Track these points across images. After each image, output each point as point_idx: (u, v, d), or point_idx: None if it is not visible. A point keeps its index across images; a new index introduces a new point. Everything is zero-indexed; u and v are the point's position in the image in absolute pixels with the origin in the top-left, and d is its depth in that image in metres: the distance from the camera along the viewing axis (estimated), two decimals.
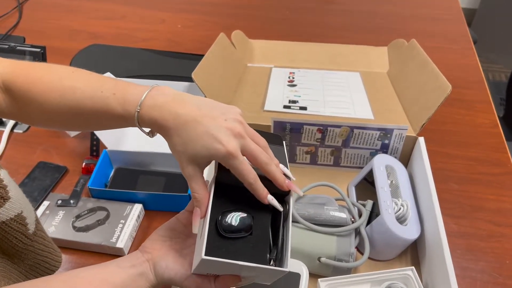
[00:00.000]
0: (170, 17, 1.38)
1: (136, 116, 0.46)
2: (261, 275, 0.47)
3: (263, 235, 0.46)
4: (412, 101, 0.83)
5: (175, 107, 0.45)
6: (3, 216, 0.48)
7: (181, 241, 0.50)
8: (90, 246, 0.72)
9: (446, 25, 1.34)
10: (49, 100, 0.49)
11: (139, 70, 1.14)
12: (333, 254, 0.64)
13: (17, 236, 0.51)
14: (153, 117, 0.46)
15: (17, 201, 0.49)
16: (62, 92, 0.49)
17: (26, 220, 0.51)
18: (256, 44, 1.09)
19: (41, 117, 0.52)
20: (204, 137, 0.43)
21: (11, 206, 0.48)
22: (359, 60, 1.04)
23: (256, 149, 0.45)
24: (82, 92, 0.49)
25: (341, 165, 0.85)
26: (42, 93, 0.50)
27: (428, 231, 0.67)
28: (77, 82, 0.50)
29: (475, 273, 0.69)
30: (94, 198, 0.78)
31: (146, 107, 0.46)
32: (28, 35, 1.27)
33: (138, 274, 0.47)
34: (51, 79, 0.50)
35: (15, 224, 0.50)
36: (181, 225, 0.51)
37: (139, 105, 0.46)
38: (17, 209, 0.49)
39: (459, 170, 0.86)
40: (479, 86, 1.08)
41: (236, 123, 0.45)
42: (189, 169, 0.45)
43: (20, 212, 0.50)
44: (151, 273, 0.47)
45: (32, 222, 0.53)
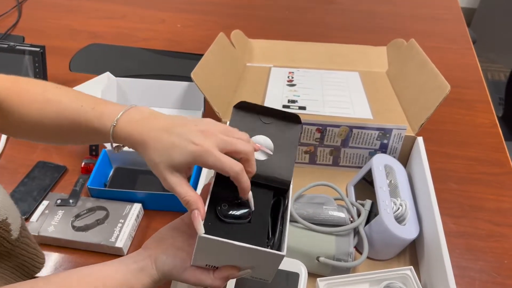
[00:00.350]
0: (170, 16, 1.38)
1: (111, 130, 0.48)
2: (259, 264, 0.47)
3: (262, 223, 0.47)
4: (411, 101, 0.83)
5: (150, 122, 0.47)
6: None
7: (183, 240, 0.50)
8: (89, 246, 0.72)
9: (445, 24, 1.34)
10: (31, 111, 0.51)
11: (139, 69, 1.14)
12: (332, 254, 0.65)
13: (0, 242, 0.51)
14: (128, 132, 0.47)
15: (2, 208, 0.50)
16: (45, 105, 0.51)
17: (10, 226, 0.52)
18: (256, 44, 1.09)
19: (22, 128, 0.54)
20: (178, 142, 0.45)
21: None
22: (358, 60, 1.04)
23: (231, 141, 0.45)
24: (64, 105, 0.51)
25: (340, 165, 0.85)
26: (25, 104, 0.51)
27: (427, 231, 0.67)
28: (59, 96, 0.52)
29: (474, 273, 0.69)
30: (94, 198, 0.78)
31: (122, 122, 0.48)
32: (27, 34, 1.28)
33: (139, 269, 0.47)
34: (35, 91, 0.52)
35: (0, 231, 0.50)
36: (185, 225, 0.51)
37: (115, 120, 0.48)
38: (2, 215, 0.50)
39: (458, 170, 0.87)
40: (478, 86, 1.08)
41: (208, 125, 0.47)
42: (172, 178, 0.45)
43: (5, 218, 0.50)
44: (153, 268, 0.48)
45: (16, 229, 0.53)
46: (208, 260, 0.47)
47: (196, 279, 0.48)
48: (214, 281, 0.48)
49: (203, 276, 0.48)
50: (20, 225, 0.54)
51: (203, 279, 0.48)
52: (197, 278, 0.48)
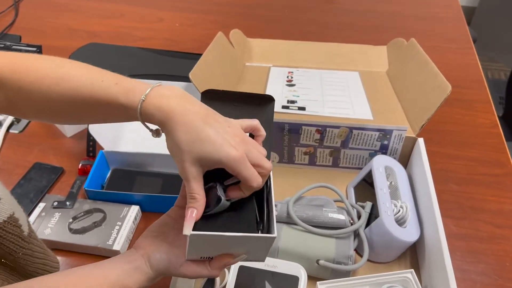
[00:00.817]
0: (168, 15, 1.37)
1: (139, 105, 0.44)
2: (252, 249, 0.48)
3: (249, 209, 0.48)
4: (411, 101, 0.82)
5: (183, 101, 0.44)
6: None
7: (173, 235, 0.50)
8: (86, 249, 0.71)
9: (445, 24, 1.33)
10: (41, 88, 0.47)
11: (138, 69, 1.14)
12: (332, 257, 0.64)
13: (14, 240, 0.50)
14: (158, 106, 0.43)
15: (7, 201, 0.48)
16: (58, 80, 0.47)
17: (19, 222, 0.50)
18: (255, 43, 1.08)
19: (31, 108, 0.50)
20: (215, 139, 0.42)
21: (2, 207, 0.47)
22: (358, 60, 1.03)
23: (258, 157, 0.45)
24: (80, 80, 0.47)
25: (340, 166, 0.84)
26: (34, 81, 0.47)
27: (428, 233, 0.66)
28: (74, 71, 0.48)
29: (475, 276, 0.68)
30: (91, 200, 0.77)
31: (152, 98, 0.44)
32: (24, 33, 1.26)
33: (133, 268, 0.47)
34: (45, 66, 0.48)
35: (10, 227, 0.49)
36: (172, 220, 0.51)
37: (144, 95, 0.44)
38: (9, 210, 0.48)
39: (458, 170, 0.86)
40: (478, 86, 1.08)
41: (238, 130, 0.45)
42: (192, 170, 0.43)
43: (12, 213, 0.49)
44: (147, 267, 0.47)
45: (25, 224, 0.52)
46: (202, 253, 0.47)
47: (193, 272, 0.48)
48: (211, 271, 0.48)
49: (199, 269, 0.48)
50: (27, 220, 0.53)
51: (200, 271, 0.48)
52: (194, 271, 0.48)
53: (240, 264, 0.62)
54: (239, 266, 0.62)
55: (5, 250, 0.50)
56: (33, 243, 0.54)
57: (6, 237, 0.49)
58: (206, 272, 0.48)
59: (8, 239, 0.49)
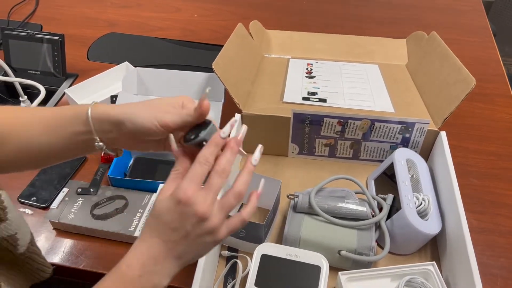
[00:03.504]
0: (185, 5, 1.37)
1: (89, 109, 0.46)
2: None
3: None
4: (433, 95, 0.82)
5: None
6: None
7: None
8: (108, 234, 0.72)
9: (465, 17, 1.32)
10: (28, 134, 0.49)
11: (156, 59, 1.14)
12: (353, 248, 0.64)
13: (5, 252, 0.52)
14: (108, 106, 0.47)
15: (13, 223, 0.51)
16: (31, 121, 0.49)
17: (17, 242, 0.53)
18: (273, 35, 1.08)
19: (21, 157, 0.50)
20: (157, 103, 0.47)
21: (6, 227, 0.50)
22: (377, 52, 1.03)
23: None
24: (46, 113, 0.49)
25: (360, 158, 0.84)
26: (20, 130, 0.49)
27: (449, 226, 0.66)
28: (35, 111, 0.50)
29: (496, 270, 0.68)
30: (113, 187, 0.79)
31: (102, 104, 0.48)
32: (44, 22, 1.28)
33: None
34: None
35: (5, 243, 0.51)
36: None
37: (92, 102, 0.47)
38: (12, 230, 0.51)
39: (479, 165, 0.86)
40: (499, 80, 1.07)
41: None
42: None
43: (14, 233, 0.51)
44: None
45: (24, 244, 0.54)
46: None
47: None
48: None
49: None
50: (29, 241, 0.55)
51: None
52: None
53: (263, 253, 0.63)
54: (261, 255, 0.63)
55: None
56: (25, 260, 0.56)
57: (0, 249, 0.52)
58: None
59: (2, 250, 0.52)
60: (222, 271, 0.67)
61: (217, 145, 0.43)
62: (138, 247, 0.43)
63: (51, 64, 1.01)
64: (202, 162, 0.42)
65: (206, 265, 0.61)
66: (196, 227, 0.42)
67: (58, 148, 0.49)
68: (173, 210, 0.41)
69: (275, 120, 0.80)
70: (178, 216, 0.41)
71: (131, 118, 0.45)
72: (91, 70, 1.07)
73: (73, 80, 1.05)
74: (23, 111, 0.51)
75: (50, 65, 1.01)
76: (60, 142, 0.48)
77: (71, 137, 0.48)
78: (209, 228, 0.42)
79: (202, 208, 0.41)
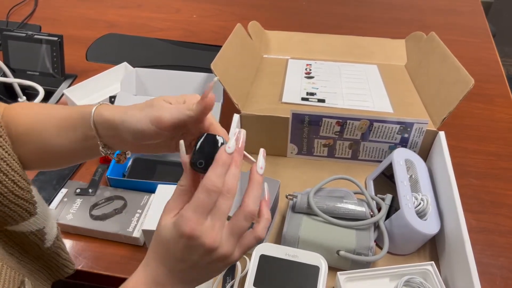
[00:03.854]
0: (185, 6, 1.37)
1: (92, 112, 0.45)
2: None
3: None
4: (432, 95, 0.82)
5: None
6: (25, 228, 0.49)
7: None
8: (106, 235, 0.72)
9: (464, 17, 1.32)
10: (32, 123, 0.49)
11: (155, 60, 1.14)
12: (352, 248, 0.64)
13: (32, 246, 0.52)
14: (112, 107, 0.45)
15: (41, 217, 0.51)
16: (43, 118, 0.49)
17: (45, 236, 0.53)
18: (272, 35, 1.08)
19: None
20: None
21: (35, 221, 0.50)
22: (376, 53, 1.03)
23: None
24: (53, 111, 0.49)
25: (359, 159, 0.84)
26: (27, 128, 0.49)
27: (448, 226, 0.66)
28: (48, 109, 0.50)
29: (495, 269, 0.68)
30: (112, 187, 0.79)
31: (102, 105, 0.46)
32: (43, 23, 1.28)
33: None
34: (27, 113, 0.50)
35: (33, 237, 0.51)
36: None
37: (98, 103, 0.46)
38: (40, 225, 0.51)
39: (478, 165, 0.85)
40: (498, 80, 1.07)
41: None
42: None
43: (42, 227, 0.51)
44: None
45: (51, 239, 0.54)
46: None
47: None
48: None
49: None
50: (55, 235, 0.55)
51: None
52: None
53: (261, 253, 0.63)
54: (260, 255, 0.62)
55: (21, 247, 0.52)
56: (51, 255, 0.56)
57: (26, 242, 0.52)
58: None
59: (28, 244, 0.52)
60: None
61: (225, 164, 0.38)
62: (144, 271, 0.40)
63: (50, 65, 1.01)
64: (210, 190, 0.37)
65: None
66: (205, 257, 0.38)
67: (69, 150, 0.48)
68: (178, 242, 0.38)
69: (274, 120, 0.80)
70: (183, 248, 0.38)
71: (124, 121, 0.42)
72: (90, 70, 1.07)
73: (72, 81, 1.05)
74: (41, 108, 0.50)
75: (49, 66, 1.01)
76: (72, 145, 0.47)
77: (80, 140, 0.46)
78: (220, 256, 0.38)
79: (210, 239, 0.37)
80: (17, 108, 0.50)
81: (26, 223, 0.49)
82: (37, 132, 0.48)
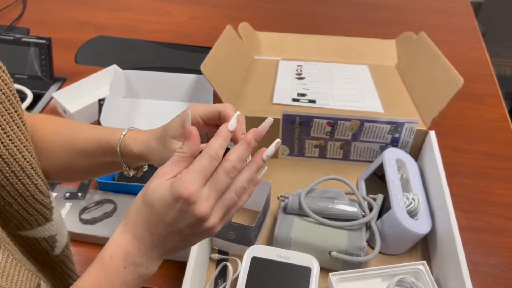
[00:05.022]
0: (176, 8, 1.37)
1: (120, 137, 0.49)
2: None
3: None
4: (422, 95, 0.82)
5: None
6: (38, 234, 0.49)
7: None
8: (97, 239, 0.72)
9: (454, 18, 1.32)
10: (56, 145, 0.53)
11: (146, 62, 1.14)
12: (344, 248, 0.64)
13: (41, 253, 0.52)
14: (139, 135, 0.49)
15: (55, 224, 0.51)
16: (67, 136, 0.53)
17: (56, 243, 0.53)
18: (263, 36, 1.07)
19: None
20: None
21: (50, 227, 0.50)
22: (367, 53, 1.03)
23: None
24: (80, 129, 0.54)
25: (350, 159, 0.84)
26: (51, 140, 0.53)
27: (439, 226, 0.66)
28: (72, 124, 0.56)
29: (487, 268, 0.68)
30: (102, 191, 0.78)
31: (133, 131, 0.51)
32: (32, 26, 1.26)
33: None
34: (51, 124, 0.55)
35: (45, 243, 0.51)
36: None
37: (126, 130, 0.51)
38: (53, 231, 0.51)
39: (468, 164, 0.86)
40: (488, 80, 1.07)
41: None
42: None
43: (54, 234, 0.51)
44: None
45: (61, 246, 0.54)
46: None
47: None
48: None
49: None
50: (65, 243, 0.55)
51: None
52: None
53: (253, 255, 0.62)
54: (251, 258, 0.62)
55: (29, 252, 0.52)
56: (56, 263, 0.56)
57: (36, 248, 0.51)
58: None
59: (37, 249, 0.52)
60: (212, 274, 0.67)
61: (226, 138, 0.39)
62: (122, 235, 0.39)
63: (39, 68, 1.00)
64: (213, 156, 0.37)
65: (196, 268, 0.61)
66: (192, 227, 0.38)
67: (95, 169, 0.54)
68: (170, 204, 0.37)
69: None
70: (174, 212, 0.37)
71: (148, 158, 0.48)
72: (79, 73, 1.06)
73: (61, 84, 1.04)
74: (66, 127, 0.54)
75: (38, 69, 1.00)
76: (99, 168, 0.53)
77: (109, 163, 0.52)
78: (205, 228, 0.38)
79: (203, 209, 0.37)
80: (41, 121, 0.54)
81: (41, 229, 0.49)
82: (64, 152, 0.52)
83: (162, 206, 0.37)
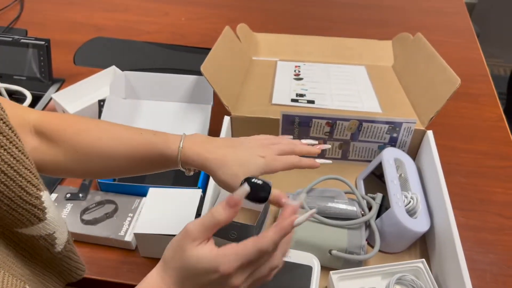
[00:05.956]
0: (174, 9, 1.37)
1: (179, 152, 0.53)
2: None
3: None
4: (419, 95, 0.83)
5: (212, 142, 0.55)
6: (34, 232, 0.49)
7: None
8: (98, 239, 0.72)
9: (449, 18, 1.34)
10: (100, 147, 0.55)
11: (143, 63, 1.14)
12: (344, 247, 0.65)
13: (42, 250, 0.52)
14: (197, 151, 0.53)
15: (51, 223, 0.51)
16: (112, 140, 0.56)
17: (55, 240, 0.53)
18: (261, 37, 1.08)
19: (84, 166, 0.56)
20: (249, 157, 0.53)
21: (44, 226, 0.50)
22: (364, 54, 1.04)
23: (282, 149, 0.55)
24: (126, 136, 0.56)
25: (349, 159, 0.85)
26: (94, 141, 0.56)
27: (438, 224, 0.67)
28: (116, 128, 0.57)
29: (485, 266, 0.69)
30: (103, 191, 0.78)
31: (188, 144, 0.54)
32: (30, 27, 1.26)
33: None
34: (93, 127, 0.57)
35: (43, 241, 0.51)
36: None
37: (181, 143, 0.54)
38: (50, 230, 0.51)
39: (466, 163, 0.87)
40: (483, 80, 1.09)
41: (259, 140, 0.57)
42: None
43: (52, 232, 0.51)
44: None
45: (61, 243, 0.54)
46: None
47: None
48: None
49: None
50: (66, 239, 0.55)
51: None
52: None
53: None
54: None
55: (29, 251, 0.52)
56: (62, 259, 0.56)
57: (36, 246, 0.51)
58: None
59: (37, 247, 0.52)
60: None
61: (286, 233, 0.41)
62: (153, 284, 0.43)
63: (37, 69, 1.00)
64: (263, 252, 0.40)
65: None
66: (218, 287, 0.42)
67: (136, 171, 0.58)
68: (209, 274, 0.40)
69: (264, 121, 0.81)
70: (210, 280, 0.41)
71: (213, 174, 0.52)
72: (78, 75, 1.06)
73: (60, 85, 1.04)
74: (106, 131, 0.56)
75: (36, 70, 1.00)
76: (141, 170, 0.58)
77: (159, 169, 0.57)
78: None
79: (237, 280, 0.41)
80: (77, 124, 0.56)
81: (35, 227, 0.49)
82: (105, 156, 0.55)
83: (202, 273, 0.41)
